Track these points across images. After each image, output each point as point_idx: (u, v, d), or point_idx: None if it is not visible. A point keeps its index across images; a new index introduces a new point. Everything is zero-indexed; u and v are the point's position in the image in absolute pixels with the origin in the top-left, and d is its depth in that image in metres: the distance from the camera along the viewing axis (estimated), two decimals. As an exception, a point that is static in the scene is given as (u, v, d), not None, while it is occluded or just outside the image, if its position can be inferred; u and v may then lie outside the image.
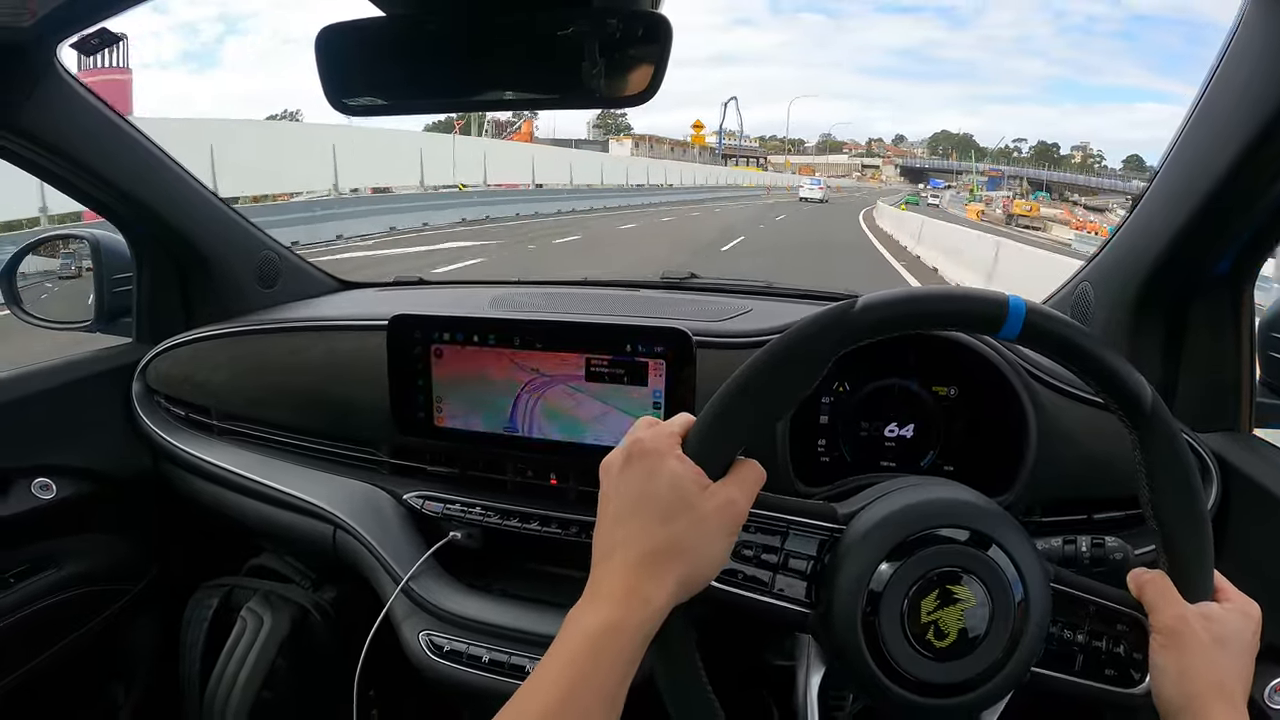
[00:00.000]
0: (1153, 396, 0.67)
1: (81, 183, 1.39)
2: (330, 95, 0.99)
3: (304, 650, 1.55)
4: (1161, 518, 0.69)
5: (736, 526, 0.65)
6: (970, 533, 0.70)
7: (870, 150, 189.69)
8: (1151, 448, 0.68)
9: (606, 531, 0.64)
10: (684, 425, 0.68)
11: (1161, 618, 0.68)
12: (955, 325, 0.68)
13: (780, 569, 0.71)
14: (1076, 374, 0.68)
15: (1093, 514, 1.15)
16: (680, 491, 0.63)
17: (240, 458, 1.48)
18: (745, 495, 0.65)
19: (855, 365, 1.18)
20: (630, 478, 0.64)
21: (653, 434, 0.66)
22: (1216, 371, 1.16)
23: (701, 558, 0.63)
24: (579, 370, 1.18)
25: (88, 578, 1.53)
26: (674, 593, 0.61)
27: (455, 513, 1.30)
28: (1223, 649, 0.66)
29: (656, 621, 0.61)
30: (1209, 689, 0.65)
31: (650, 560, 0.61)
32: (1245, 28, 0.91)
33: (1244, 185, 0.97)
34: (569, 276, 1.81)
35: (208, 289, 1.64)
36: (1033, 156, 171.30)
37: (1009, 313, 0.65)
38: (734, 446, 0.66)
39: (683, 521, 0.62)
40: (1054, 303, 1.39)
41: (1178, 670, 0.66)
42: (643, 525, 0.62)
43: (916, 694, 0.68)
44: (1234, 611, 0.69)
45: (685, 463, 0.64)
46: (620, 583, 0.61)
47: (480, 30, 0.97)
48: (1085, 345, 0.67)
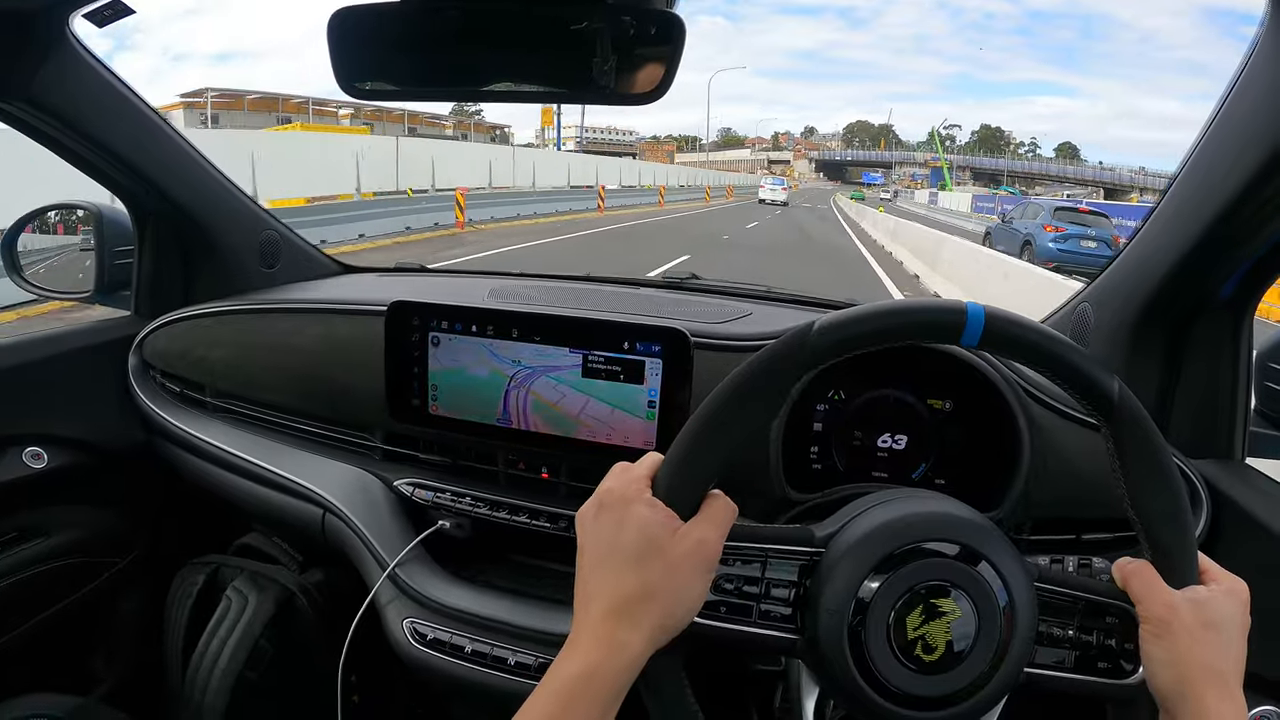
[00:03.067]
0: (1120, 389, 0.67)
1: (89, 154, 1.39)
2: (340, 78, 0.99)
3: (288, 632, 1.55)
4: (1139, 508, 0.69)
5: (711, 564, 0.65)
6: (960, 547, 0.69)
7: (778, 143, 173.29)
8: (1124, 440, 0.68)
9: (584, 581, 0.66)
10: (652, 467, 0.69)
11: (1149, 607, 0.68)
12: (916, 337, 0.68)
13: (763, 598, 0.71)
14: (1047, 376, 0.68)
15: (1081, 534, 1.15)
16: (650, 537, 0.64)
17: (233, 436, 1.48)
18: (717, 532, 0.66)
19: (851, 375, 1.18)
20: (602, 527, 0.66)
21: (621, 481, 0.68)
22: (1212, 398, 1.16)
23: (677, 600, 0.64)
24: (576, 365, 1.17)
25: (75, 549, 1.53)
26: (651, 637, 0.63)
27: (445, 501, 1.30)
28: (1213, 632, 0.66)
29: (634, 667, 0.62)
30: (1203, 674, 0.65)
31: (624, 607, 0.62)
32: (1258, 55, 0.91)
33: (1250, 212, 0.97)
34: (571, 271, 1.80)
35: (208, 266, 1.64)
36: (975, 143, 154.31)
37: (968, 320, 0.65)
38: (704, 484, 0.67)
39: (655, 566, 0.63)
40: (1053, 323, 1.39)
41: (1170, 658, 0.66)
42: (616, 573, 0.64)
43: (910, 709, 0.68)
44: (1221, 593, 0.69)
45: (655, 507, 0.65)
46: (596, 630, 0.62)
47: (494, 19, 0.97)
48: (1048, 346, 0.67)
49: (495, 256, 13.30)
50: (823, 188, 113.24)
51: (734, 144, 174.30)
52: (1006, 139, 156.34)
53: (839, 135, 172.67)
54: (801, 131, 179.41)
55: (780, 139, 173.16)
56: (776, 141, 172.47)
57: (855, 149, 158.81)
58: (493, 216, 20.54)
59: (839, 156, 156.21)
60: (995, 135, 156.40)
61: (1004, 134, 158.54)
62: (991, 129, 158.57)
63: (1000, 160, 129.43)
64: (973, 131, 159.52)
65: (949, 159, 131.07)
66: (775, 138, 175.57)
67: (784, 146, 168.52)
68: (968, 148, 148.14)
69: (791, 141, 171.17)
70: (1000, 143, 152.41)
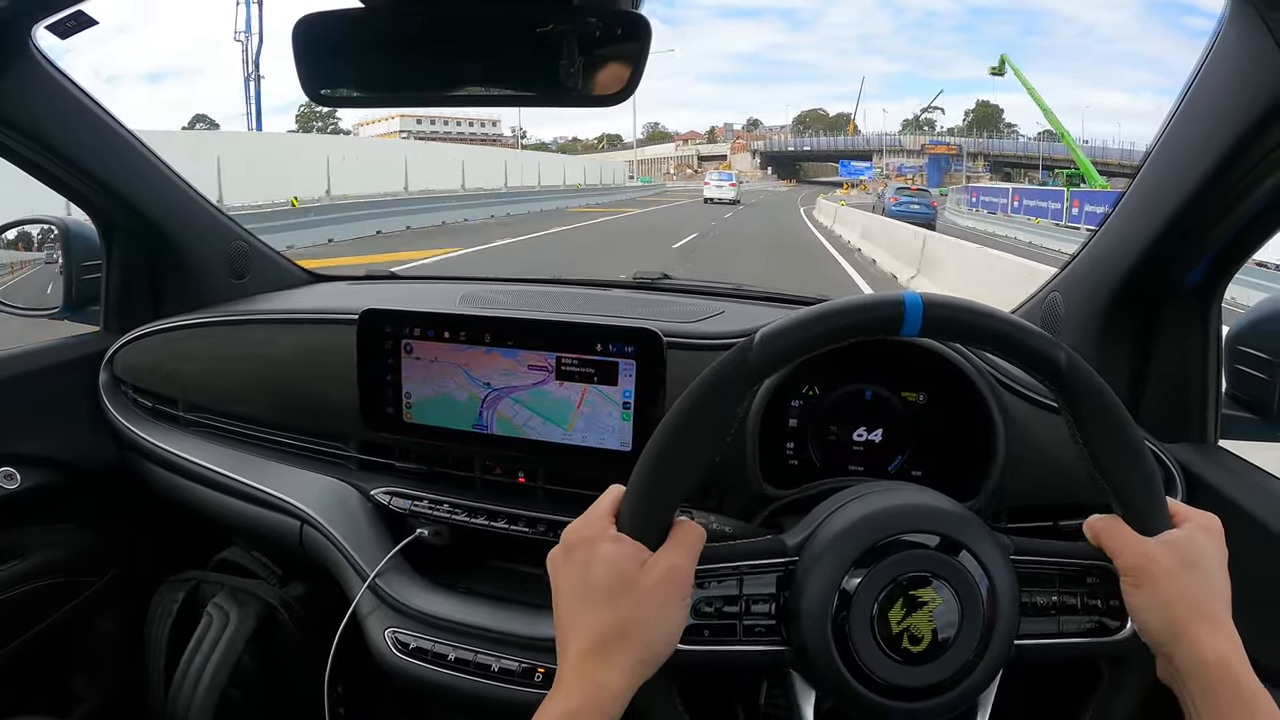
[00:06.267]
0: (1068, 356, 0.68)
1: (53, 167, 1.37)
2: (306, 86, 0.99)
3: (271, 647, 1.54)
4: (1101, 465, 0.70)
5: (684, 591, 0.66)
6: (940, 538, 0.70)
7: (713, 136, 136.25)
8: (1077, 404, 0.69)
9: (560, 623, 0.67)
10: (614, 502, 0.70)
11: (1125, 558, 0.69)
12: (858, 334, 0.69)
13: (745, 615, 0.71)
14: (996, 354, 0.69)
15: (1058, 520, 1.16)
16: (619, 572, 0.64)
17: (207, 450, 1.46)
18: (687, 557, 0.67)
19: (824, 369, 1.19)
20: (571, 568, 0.67)
21: (585, 520, 0.69)
22: (1183, 383, 1.18)
23: (654, 632, 0.65)
24: (549, 368, 1.17)
25: (51, 569, 1.51)
26: (632, 672, 0.63)
27: (423, 509, 1.29)
28: (1193, 571, 0.67)
29: (618, 704, 0.62)
30: (1190, 613, 0.66)
31: (600, 646, 0.63)
32: (1222, 41, 0.92)
33: (1217, 198, 0.98)
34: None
35: (178, 278, 1.63)
36: (970, 126, 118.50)
37: (906, 310, 0.66)
38: (668, 511, 0.67)
39: (627, 601, 0.64)
40: (1023, 312, 1.39)
41: (1155, 603, 0.67)
42: (588, 613, 0.64)
43: (900, 701, 0.68)
44: (1195, 530, 0.70)
45: (621, 542, 0.66)
46: (576, 670, 0.63)
47: (459, 24, 0.97)
48: (990, 324, 0.68)
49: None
50: (774, 189, 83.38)
51: (661, 139, 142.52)
52: (1000, 119, 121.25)
53: (788, 128, 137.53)
54: (744, 124, 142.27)
55: (717, 132, 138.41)
56: (712, 135, 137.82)
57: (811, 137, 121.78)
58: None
59: (792, 146, 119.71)
60: (995, 115, 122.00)
61: (1002, 113, 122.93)
62: (990, 106, 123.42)
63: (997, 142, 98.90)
64: (968, 110, 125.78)
65: (960, 143, 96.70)
66: (711, 131, 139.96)
67: (721, 140, 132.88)
68: (964, 130, 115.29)
69: (730, 134, 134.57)
70: (999, 124, 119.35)
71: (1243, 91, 0.89)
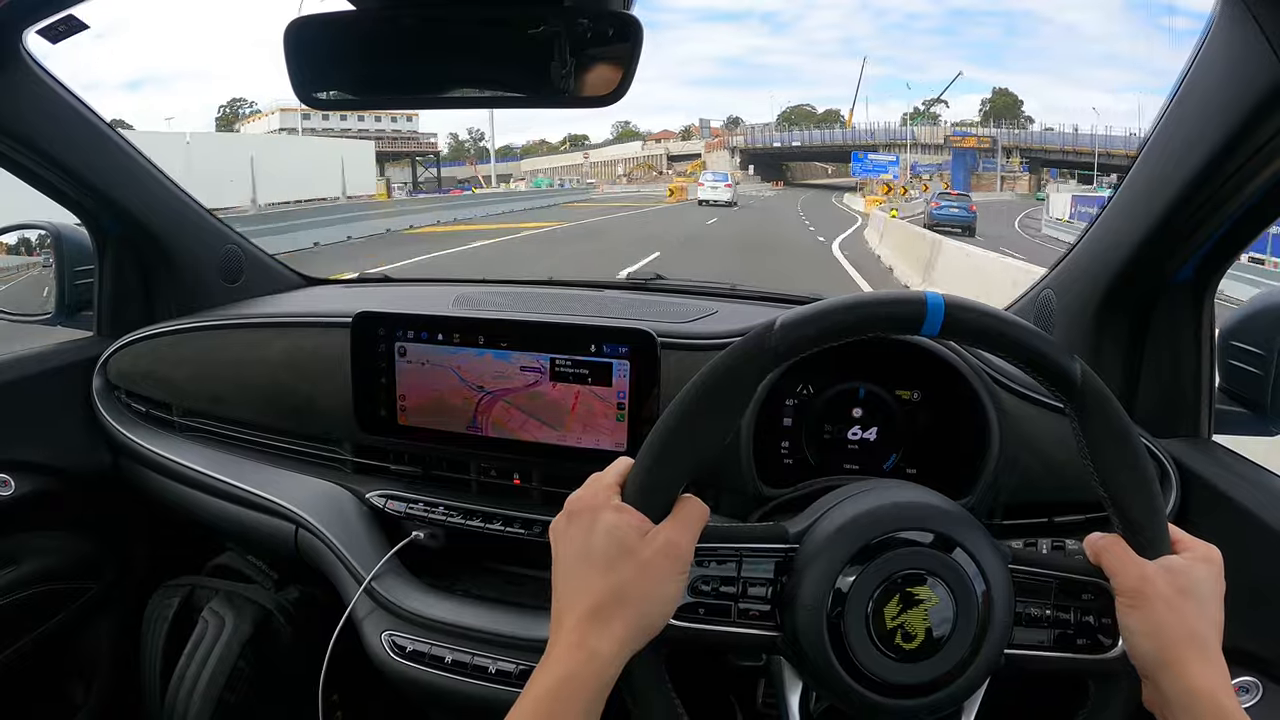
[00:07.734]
0: (1082, 370, 0.67)
1: (45, 172, 1.37)
2: (297, 88, 0.99)
3: (267, 652, 1.53)
4: (1108, 483, 0.69)
5: (683, 565, 0.66)
6: (935, 535, 0.70)
7: (687, 134, 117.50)
8: (1088, 419, 0.68)
9: (557, 591, 0.66)
10: (621, 474, 0.69)
11: (1123, 579, 0.68)
12: (877, 330, 0.68)
13: (741, 597, 0.71)
14: (1009, 361, 0.69)
15: (1053, 517, 1.16)
16: (619, 540, 0.64)
17: (202, 455, 1.46)
18: (687, 534, 0.66)
19: (819, 368, 1.19)
20: (572, 535, 0.67)
21: (590, 490, 0.69)
22: (1177, 378, 1.18)
23: (650, 603, 0.64)
24: (543, 370, 1.17)
25: (47, 576, 1.51)
26: (625, 640, 0.63)
27: (418, 512, 1.29)
28: (1189, 599, 0.67)
29: (610, 671, 0.62)
30: (1182, 641, 0.65)
31: (596, 613, 0.63)
32: (1212, 39, 0.92)
33: (1207, 194, 0.98)
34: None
35: (171, 283, 1.62)
36: (985, 117, 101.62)
37: (928, 310, 0.66)
38: (673, 487, 0.67)
39: (625, 570, 0.64)
40: (1017, 309, 1.40)
41: (1148, 628, 0.66)
42: (586, 579, 0.64)
43: (893, 698, 0.68)
44: (1195, 560, 0.69)
45: (623, 511, 0.66)
46: (570, 638, 0.62)
47: (451, 26, 0.97)
48: (1009, 331, 0.67)
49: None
50: (758, 192, 67.33)
51: (631, 138, 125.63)
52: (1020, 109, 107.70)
53: (772, 125, 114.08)
54: (724, 122, 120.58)
55: (692, 129, 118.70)
56: (687, 132, 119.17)
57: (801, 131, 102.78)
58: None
59: (778, 143, 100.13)
60: (1014, 104, 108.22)
61: (1021, 103, 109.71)
62: (1009, 95, 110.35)
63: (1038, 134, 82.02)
64: (984, 100, 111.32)
65: (993, 134, 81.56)
66: (687, 129, 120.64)
67: (697, 137, 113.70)
68: (980, 123, 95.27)
69: (706, 130, 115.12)
70: (1019, 115, 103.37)
71: (1234, 87, 0.89)
